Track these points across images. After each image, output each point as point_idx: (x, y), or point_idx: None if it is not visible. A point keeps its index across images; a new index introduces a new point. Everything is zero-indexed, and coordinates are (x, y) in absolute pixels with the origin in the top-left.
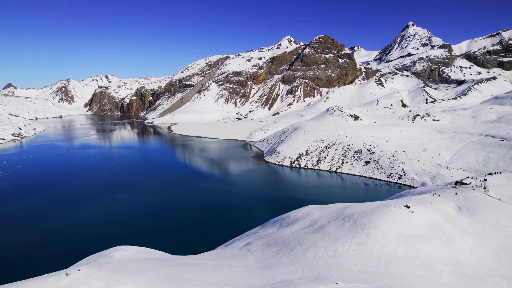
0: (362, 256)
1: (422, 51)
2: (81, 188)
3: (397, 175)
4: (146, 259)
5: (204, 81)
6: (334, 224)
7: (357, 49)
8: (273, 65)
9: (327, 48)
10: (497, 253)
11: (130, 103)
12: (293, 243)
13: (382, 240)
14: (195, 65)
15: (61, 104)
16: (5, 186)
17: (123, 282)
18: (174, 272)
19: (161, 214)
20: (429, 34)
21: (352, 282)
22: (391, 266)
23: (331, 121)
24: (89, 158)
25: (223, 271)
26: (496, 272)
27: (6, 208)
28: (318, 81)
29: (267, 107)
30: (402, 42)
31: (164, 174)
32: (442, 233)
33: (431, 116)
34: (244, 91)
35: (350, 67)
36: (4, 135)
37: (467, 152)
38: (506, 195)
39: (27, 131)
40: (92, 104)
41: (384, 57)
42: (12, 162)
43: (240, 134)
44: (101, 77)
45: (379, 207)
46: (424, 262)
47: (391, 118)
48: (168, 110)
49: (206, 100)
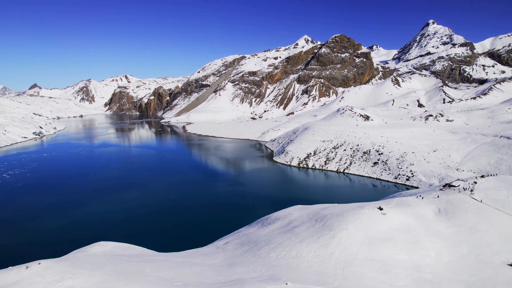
0: (322, 257)
1: (442, 49)
2: (88, 187)
3: (405, 176)
4: (117, 254)
5: (220, 81)
6: (306, 225)
7: (375, 48)
8: (288, 64)
9: (344, 48)
10: (464, 257)
11: (148, 103)
12: (262, 243)
13: (345, 242)
14: (211, 65)
15: (82, 104)
16: (19, 182)
17: (76, 276)
18: (133, 268)
19: (165, 213)
20: (450, 32)
21: (303, 283)
22: (348, 269)
23: (341, 121)
24: (102, 157)
25: (183, 268)
26: (457, 277)
27: (15, 203)
28: (334, 81)
29: (281, 107)
30: (421, 41)
31: (172, 173)
32: (410, 236)
33: (444, 116)
34: (260, 91)
35: (366, 66)
36: (26, 134)
37: (479, 154)
38: (491, 198)
39: (48, 130)
40: (112, 104)
41: (402, 56)
42: (29, 160)
43: (253, 134)
44: (120, 77)
45: (353, 208)
46: (383, 265)
47: (403, 118)
48: (184, 110)
49: (222, 100)
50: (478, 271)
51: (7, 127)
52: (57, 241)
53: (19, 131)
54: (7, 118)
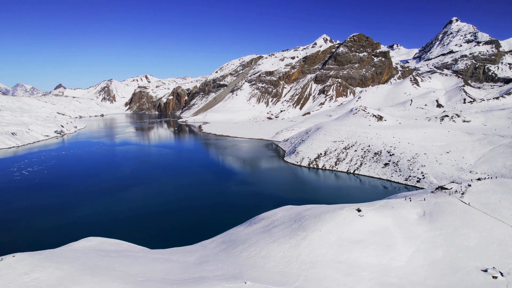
0: (289, 258)
1: (465, 47)
2: (98, 186)
3: (415, 178)
4: (97, 249)
5: (237, 81)
6: (284, 225)
7: (396, 47)
8: (306, 64)
9: (362, 47)
10: (437, 262)
11: (167, 103)
12: (239, 242)
13: (315, 243)
14: (229, 65)
15: (104, 103)
16: (36, 179)
17: (44, 269)
18: (103, 263)
19: (170, 212)
20: (475, 30)
21: (263, 283)
22: (312, 270)
23: (354, 121)
24: (118, 156)
25: (154, 264)
26: (424, 281)
27: (30, 198)
28: (351, 80)
29: (298, 107)
30: (444, 39)
31: (183, 173)
32: (385, 239)
33: (460, 116)
34: (276, 90)
35: (385, 65)
36: (48, 132)
37: (495, 156)
38: (482, 202)
39: (69, 129)
40: (132, 103)
41: (423, 55)
42: (48, 157)
43: (267, 133)
44: (141, 77)
45: (332, 210)
46: (348, 267)
47: (418, 119)
48: (202, 110)
49: (238, 100)
50: (448, 276)
51: (30, 126)
52: (58, 236)
53: (42, 129)
54: (31, 117)
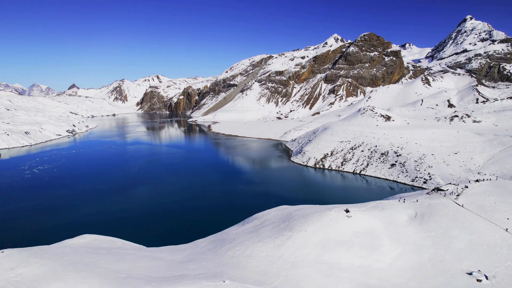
0: (272, 257)
1: (480, 46)
2: (105, 185)
3: (422, 179)
4: (87, 246)
5: (247, 81)
6: (272, 225)
7: (408, 46)
8: (316, 64)
9: (372, 46)
10: (421, 264)
11: (178, 102)
12: (227, 241)
13: (299, 243)
14: (239, 65)
15: (115, 103)
16: (46, 177)
17: (30, 264)
18: (89, 259)
19: (174, 212)
20: (490, 28)
21: (242, 282)
22: (292, 270)
23: (361, 122)
24: (126, 155)
25: (140, 262)
26: (406, 284)
27: (38, 196)
28: (361, 80)
29: (307, 107)
30: (457, 38)
31: (189, 173)
32: (371, 240)
33: (471, 117)
34: (286, 90)
35: (396, 65)
36: (60, 131)
37: (505, 157)
38: (476, 204)
39: (80, 128)
40: (143, 103)
41: (436, 55)
42: (59, 156)
43: (275, 133)
44: (152, 77)
45: (321, 210)
46: (329, 268)
47: (427, 119)
48: (212, 109)
49: (248, 100)
50: (431, 278)
51: (43, 125)
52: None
53: (54, 128)
54: (45, 117)
